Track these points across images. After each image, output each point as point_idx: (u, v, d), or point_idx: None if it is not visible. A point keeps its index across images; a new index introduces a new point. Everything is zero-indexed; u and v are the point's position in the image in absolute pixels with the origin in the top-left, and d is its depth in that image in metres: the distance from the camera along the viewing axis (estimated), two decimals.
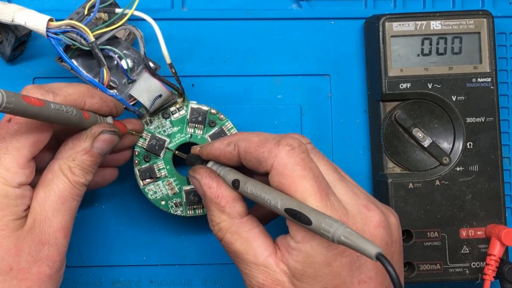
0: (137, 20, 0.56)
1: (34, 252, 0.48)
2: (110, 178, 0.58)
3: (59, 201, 0.49)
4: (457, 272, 0.59)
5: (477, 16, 0.60)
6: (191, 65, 0.62)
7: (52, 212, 0.49)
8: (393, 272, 0.42)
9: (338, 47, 0.63)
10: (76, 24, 0.54)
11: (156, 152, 0.58)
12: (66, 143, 0.51)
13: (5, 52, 0.59)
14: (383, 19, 0.60)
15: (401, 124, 0.60)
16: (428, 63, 0.60)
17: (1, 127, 0.49)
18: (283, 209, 0.47)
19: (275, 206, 0.48)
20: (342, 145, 0.63)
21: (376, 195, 0.62)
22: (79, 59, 0.56)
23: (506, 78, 0.63)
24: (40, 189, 0.50)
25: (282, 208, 0.47)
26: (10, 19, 0.54)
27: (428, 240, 0.59)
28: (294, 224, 0.48)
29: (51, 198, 0.49)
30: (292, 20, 0.63)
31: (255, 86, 0.63)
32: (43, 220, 0.49)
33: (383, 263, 0.42)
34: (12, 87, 0.61)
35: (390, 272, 0.42)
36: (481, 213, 0.59)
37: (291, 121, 0.63)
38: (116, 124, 0.54)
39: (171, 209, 0.58)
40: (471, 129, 0.60)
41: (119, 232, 0.62)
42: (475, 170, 0.60)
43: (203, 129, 0.58)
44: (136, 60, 0.56)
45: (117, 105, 0.54)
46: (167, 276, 0.62)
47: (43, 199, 0.49)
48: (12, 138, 0.48)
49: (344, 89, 0.63)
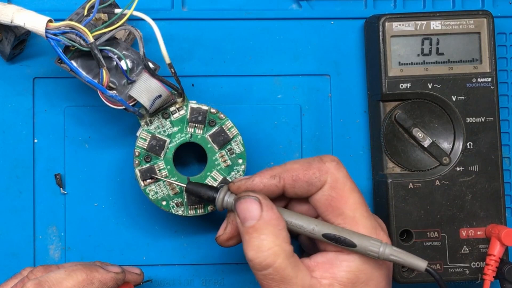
0: (137, 20, 0.56)
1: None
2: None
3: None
4: (457, 272, 0.59)
5: (477, 16, 0.60)
6: (191, 65, 0.62)
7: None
8: (441, 281, 0.52)
9: (338, 47, 0.63)
10: (75, 25, 0.54)
11: (157, 153, 0.58)
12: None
13: (5, 51, 0.59)
14: (383, 19, 0.60)
15: (401, 124, 0.60)
16: (428, 63, 0.60)
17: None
18: (320, 234, 0.51)
19: (310, 232, 0.51)
20: (342, 145, 0.63)
21: (376, 195, 0.62)
22: (78, 60, 0.55)
23: (506, 78, 0.63)
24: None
25: (319, 234, 0.51)
26: (9, 20, 0.54)
27: (428, 240, 0.59)
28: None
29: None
30: (292, 20, 0.63)
31: (255, 86, 0.63)
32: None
33: (433, 275, 0.51)
34: (12, 87, 0.61)
35: (439, 281, 0.51)
36: (481, 213, 0.59)
37: (291, 121, 0.63)
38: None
39: (172, 209, 0.58)
40: (471, 129, 0.60)
41: (119, 232, 0.62)
42: (475, 170, 0.60)
43: (203, 129, 0.58)
44: (135, 61, 0.56)
45: (118, 282, 0.54)
46: (167, 276, 0.62)
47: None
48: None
49: (344, 89, 0.63)
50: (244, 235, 0.51)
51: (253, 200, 0.51)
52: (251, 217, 0.50)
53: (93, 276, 0.53)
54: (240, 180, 0.53)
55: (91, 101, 0.61)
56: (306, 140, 0.63)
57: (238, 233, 0.53)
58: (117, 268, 0.55)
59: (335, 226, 0.52)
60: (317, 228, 0.51)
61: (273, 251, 0.50)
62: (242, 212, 0.51)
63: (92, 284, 0.53)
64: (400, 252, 0.51)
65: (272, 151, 0.63)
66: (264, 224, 0.50)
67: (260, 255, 0.50)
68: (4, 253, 0.61)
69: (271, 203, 0.51)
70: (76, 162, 0.62)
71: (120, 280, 0.55)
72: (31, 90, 0.61)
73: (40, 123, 0.61)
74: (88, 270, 0.53)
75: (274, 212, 0.51)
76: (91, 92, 0.59)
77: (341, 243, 0.51)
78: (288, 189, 0.53)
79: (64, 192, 0.61)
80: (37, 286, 0.51)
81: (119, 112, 0.58)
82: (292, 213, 0.53)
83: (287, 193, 0.53)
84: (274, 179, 0.52)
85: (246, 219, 0.51)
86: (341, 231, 0.51)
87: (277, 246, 0.50)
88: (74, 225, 0.62)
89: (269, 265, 0.50)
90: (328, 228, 0.51)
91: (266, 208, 0.51)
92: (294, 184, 0.52)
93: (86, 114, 0.62)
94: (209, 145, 0.58)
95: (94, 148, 0.62)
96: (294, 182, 0.52)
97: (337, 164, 0.52)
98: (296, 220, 0.52)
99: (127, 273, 0.56)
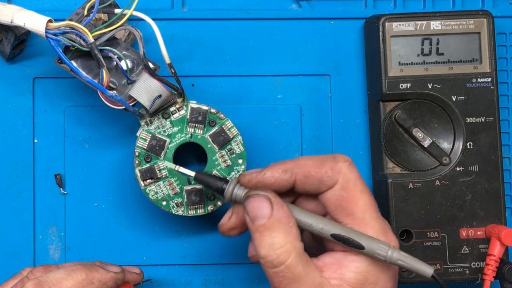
0: (137, 20, 0.56)
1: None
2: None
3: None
4: (457, 272, 0.59)
5: (477, 16, 0.60)
6: (191, 65, 0.62)
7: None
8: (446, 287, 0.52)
9: (338, 47, 0.63)
10: (75, 25, 0.54)
11: (157, 153, 0.58)
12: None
13: (5, 51, 0.59)
14: (383, 19, 0.60)
15: (401, 124, 0.60)
16: (428, 63, 0.60)
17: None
18: (329, 234, 0.51)
19: (318, 231, 0.51)
20: (342, 145, 0.63)
21: (376, 195, 0.62)
22: (78, 60, 0.55)
23: (506, 78, 0.63)
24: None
25: (328, 233, 0.51)
26: (9, 20, 0.54)
27: (428, 240, 0.59)
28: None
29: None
30: (292, 20, 0.63)
31: (255, 86, 0.63)
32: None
33: (438, 281, 0.51)
34: (12, 87, 0.61)
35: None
36: (481, 213, 0.59)
37: (291, 121, 0.63)
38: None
39: (172, 209, 0.58)
40: (471, 129, 0.60)
41: (119, 232, 0.62)
42: (475, 170, 0.60)
43: (203, 129, 0.58)
44: (135, 61, 0.56)
45: (117, 281, 0.54)
46: (167, 276, 0.62)
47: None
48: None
49: (344, 89, 0.63)
50: (255, 233, 0.50)
51: (263, 198, 0.51)
52: (262, 216, 0.50)
53: (93, 276, 0.53)
54: (251, 173, 0.53)
55: (91, 101, 0.61)
56: (306, 140, 0.63)
57: (241, 224, 0.54)
58: (117, 268, 0.55)
59: (343, 226, 0.51)
60: (325, 227, 0.51)
61: (285, 249, 0.50)
62: (252, 211, 0.51)
63: (92, 284, 0.53)
64: (408, 257, 0.50)
65: (272, 151, 0.63)
66: (275, 222, 0.50)
67: (272, 253, 0.50)
68: (4, 253, 0.61)
69: (281, 201, 0.51)
70: (76, 162, 0.62)
71: (119, 280, 0.55)
72: (31, 90, 0.61)
73: (40, 123, 0.61)
74: (88, 270, 0.53)
75: (284, 210, 0.51)
76: (91, 92, 0.59)
77: (350, 244, 0.50)
78: (299, 185, 0.53)
79: (64, 192, 0.61)
80: (37, 286, 0.51)
81: (119, 112, 0.58)
82: (302, 210, 0.52)
83: (297, 189, 0.53)
84: (285, 174, 0.52)
85: (257, 218, 0.50)
86: (349, 232, 0.51)
87: (289, 243, 0.50)
88: (74, 225, 0.62)
89: (281, 262, 0.50)
90: (337, 229, 0.51)
91: (276, 207, 0.50)
92: (305, 180, 0.52)
93: (86, 114, 0.62)
94: (209, 145, 0.58)
95: (94, 148, 0.62)
96: (305, 178, 0.52)
97: (350, 164, 0.52)
98: (305, 218, 0.52)
99: (127, 273, 0.56)
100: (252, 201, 0.51)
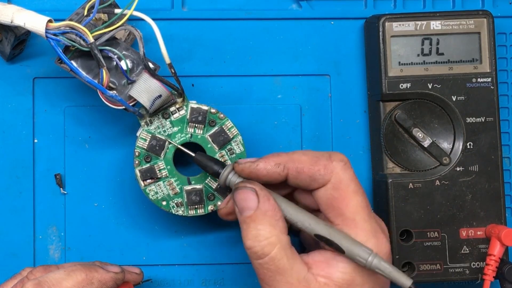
0: (137, 20, 0.56)
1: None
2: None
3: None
4: (457, 272, 0.59)
5: (477, 16, 0.60)
6: (191, 65, 0.62)
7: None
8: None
9: (338, 47, 0.63)
10: (75, 25, 0.54)
11: (157, 153, 0.58)
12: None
13: (5, 51, 0.59)
14: (383, 19, 0.60)
15: (401, 124, 0.60)
16: (428, 63, 0.60)
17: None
18: (313, 234, 0.51)
19: (304, 228, 0.52)
20: (342, 145, 0.63)
21: (376, 195, 0.62)
22: (78, 60, 0.55)
23: (506, 78, 0.63)
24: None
25: (312, 233, 0.51)
26: (9, 20, 0.54)
27: (428, 240, 0.59)
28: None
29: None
30: (292, 20, 0.63)
31: (255, 86, 0.63)
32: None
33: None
34: (12, 87, 0.61)
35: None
36: (481, 213, 0.59)
37: (291, 121, 0.63)
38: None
39: (172, 209, 0.58)
40: (471, 129, 0.60)
41: (119, 232, 0.62)
42: (475, 170, 0.60)
43: (203, 129, 0.58)
44: (135, 61, 0.56)
45: (117, 281, 0.55)
46: (167, 276, 0.62)
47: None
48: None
49: (344, 89, 0.63)
50: (242, 224, 0.52)
51: (249, 191, 0.52)
52: (248, 208, 0.51)
53: (93, 276, 0.53)
54: (245, 163, 0.53)
55: (91, 101, 0.61)
56: (306, 140, 0.63)
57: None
58: (117, 268, 0.55)
59: (330, 227, 0.51)
60: (310, 226, 0.51)
61: (270, 241, 0.50)
62: (239, 202, 0.52)
63: (92, 284, 0.53)
64: (387, 267, 0.50)
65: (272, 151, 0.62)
66: (261, 214, 0.51)
67: (256, 244, 0.51)
68: (4, 253, 0.61)
69: (268, 194, 0.52)
70: (76, 162, 0.62)
71: (119, 280, 0.55)
72: (31, 90, 0.61)
73: (40, 123, 0.61)
74: (88, 270, 0.53)
75: (270, 203, 0.51)
76: (91, 92, 0.59)
77: (331, 246, 0.51)
78: (291, 179, 0.53)
79: (64, 192, 0.61)
80: (37, 287, 0.51)
81: (119, 112, 0.58)
82: (291, 205, 0.53)
83: (289, 183, 0.53)
84: (278, 167, 0.53)
85: (244, 209, 0.51)
86: (333, 235, 0.51)
87: (274, 236, 0.50)
88: (74, 225, 0.62)
89: (265, 254, 0.50)
90: (322, 229, 0.51)
91: (262, 200, 0.51)
92: (297, 176, 0.52)
93: (86, 114, 0.62)
94: (209, 145, 0.58)
95: (94, 148, 0.62)
96: (297, 174, 0.52)
97: (344, 164, 0.52)
98: (292, 214, 0.52)
99: (127, 273, 0.56)
100: (240, 192, 0.52)
